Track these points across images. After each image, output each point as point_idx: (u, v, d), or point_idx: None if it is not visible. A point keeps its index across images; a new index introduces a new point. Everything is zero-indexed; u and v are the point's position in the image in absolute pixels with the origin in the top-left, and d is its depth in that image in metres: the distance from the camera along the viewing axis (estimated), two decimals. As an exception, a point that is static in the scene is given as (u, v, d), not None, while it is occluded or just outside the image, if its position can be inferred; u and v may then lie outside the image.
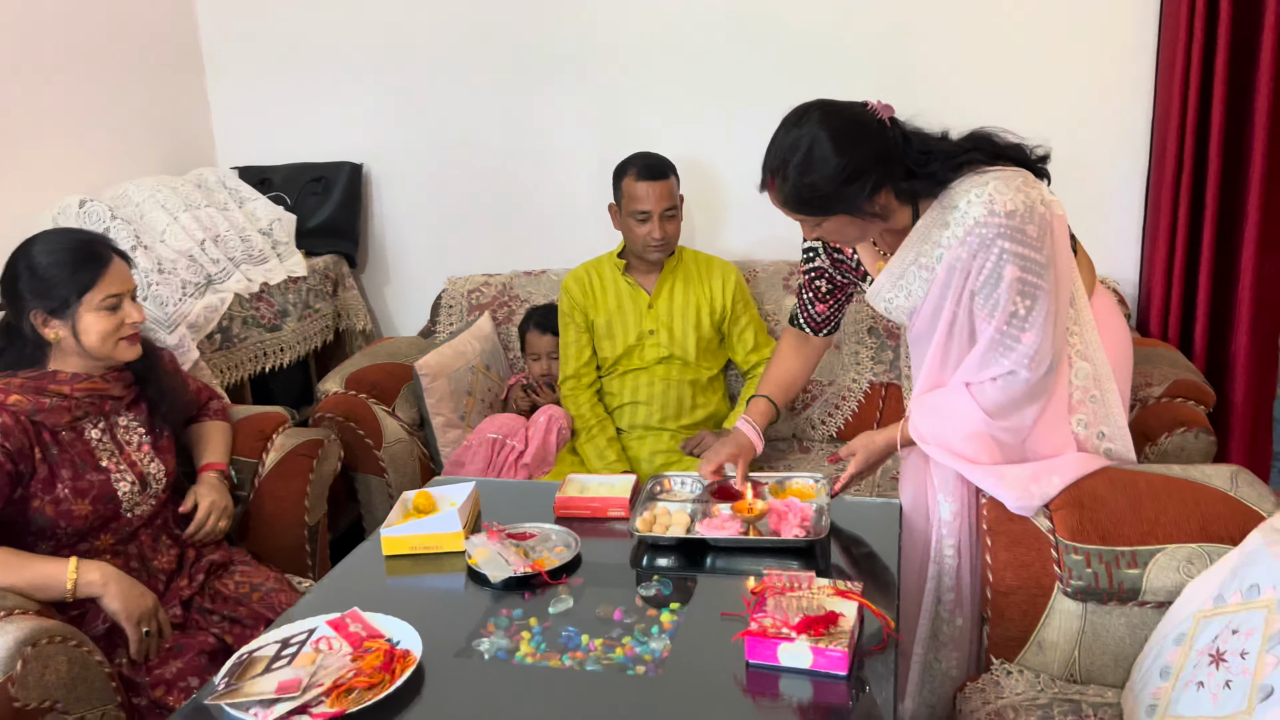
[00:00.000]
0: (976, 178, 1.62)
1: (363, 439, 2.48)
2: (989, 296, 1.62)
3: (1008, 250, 1.58)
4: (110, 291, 1.77)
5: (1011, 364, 1.64)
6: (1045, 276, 1.61)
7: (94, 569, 1.68)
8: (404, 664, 1.38)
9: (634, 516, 1.76)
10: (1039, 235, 1.59)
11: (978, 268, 1.62)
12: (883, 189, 1.63)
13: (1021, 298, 1.60)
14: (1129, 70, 2.61)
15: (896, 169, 1.62)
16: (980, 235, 1.59)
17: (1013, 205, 1.58)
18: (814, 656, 1.33)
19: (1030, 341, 1.62)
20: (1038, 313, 1.61)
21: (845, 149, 1.57)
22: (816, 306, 1.98)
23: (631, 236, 2.54)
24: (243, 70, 3.19)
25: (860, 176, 1.58)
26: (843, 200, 1.60)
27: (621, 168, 2.54)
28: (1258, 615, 1.31)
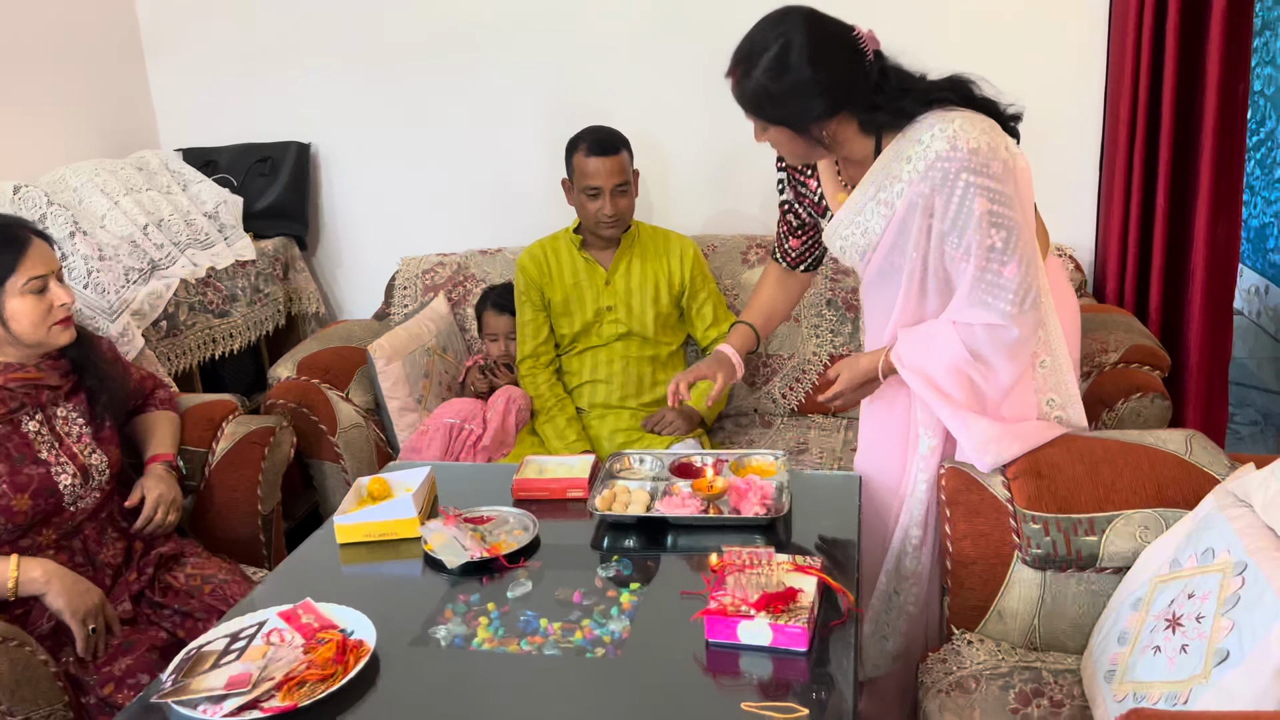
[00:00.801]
0: (943, 114, 1.59)
1: (316, 425, 2.42)
2: (961, 234, 1.57)
3: (973, 183, 1.54)
4: (33, 274, 1.70)
5: (997, 308, 1.58)
6: (1015, 209, 1.57)
7: (36, 566, 1.63)
8: (357, 655, 1.36)
9: (593, 495, 1.74)
10: (1003, 173, 1.56)
11: (943, 205, 1.57)
12: (838, 115, 1.60)
13: (995, 230, 1.55)
14: (1082, 38, 2.60)
15: (860, 99, 1.59)
16: (942, 169, 1.55)
17: (976, 143, 1.54)
18: (774, 634, 1.32)
19: (1013, 275, 1.56)
20: (1014, 244, 1.56)
21: (812, 63, 1.54)
22: (790, 241, 1.96)
23: (584, 212, 2.50)
24: (183, 48, 3.10)
25: (815, 96, 1.56)
26: (790, 114, 1.58)
27: (572, 143, 2.49)
28: (1213, 579, 1.31)
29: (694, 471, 1.83)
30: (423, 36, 2.94)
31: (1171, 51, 2.40)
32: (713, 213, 2.89)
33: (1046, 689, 1.50)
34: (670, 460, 1.87)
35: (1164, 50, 2.41)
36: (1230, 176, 2.48)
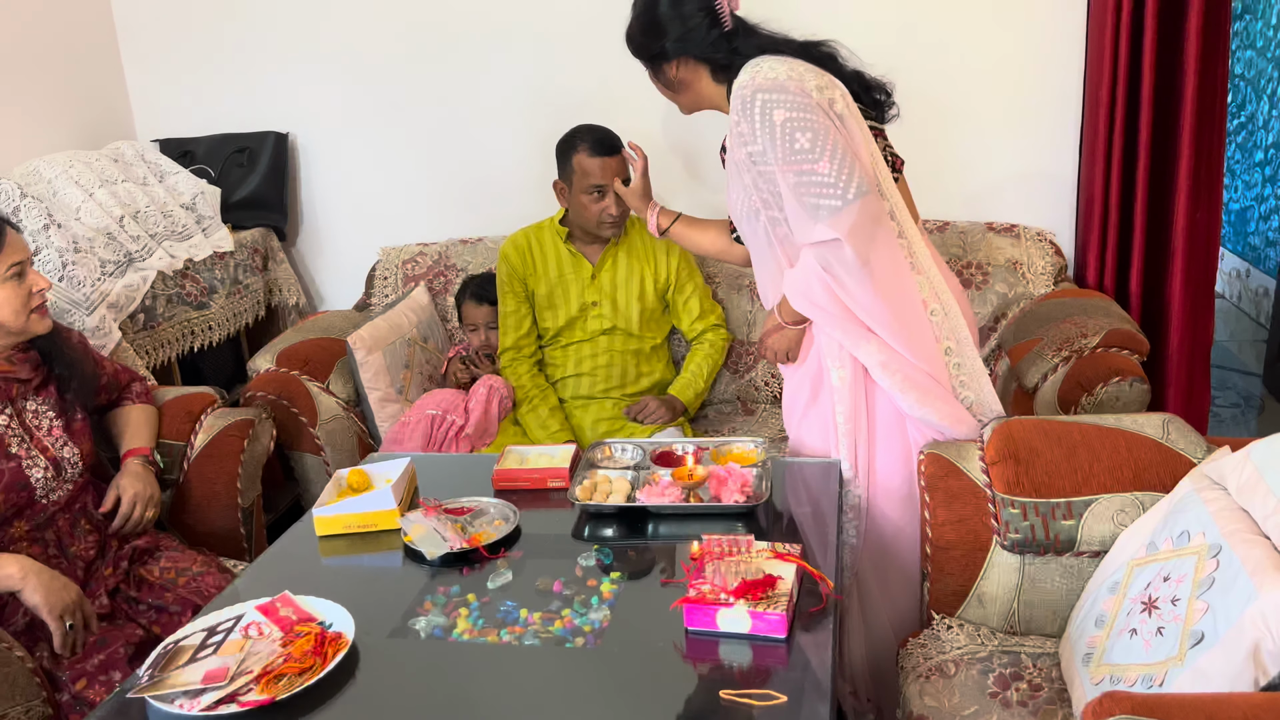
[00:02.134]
0: (763, 57, 1.69)
1: (297, 417, 2.41)
2: (770, 145, 1.64)
3: (769, 99, 1.63)
4: (12, 260, 1.70)
5: (829, 205, 1.60)
6: (819, 115, 1.62)
7: (12, 562, 1.62)
8: (336, 647, 1.35)
9: (573, 485, 1.74)
10: (799, 95, 1.63)
11: (749, 128, 1.65)
12: (682, 59, 1.79)
13: (800, 133, 1.61)
14: (1060, 20, 2.60)
15: (702, 44, 1.75)
16: (741, 96, 1.66)
17: (775, 73, 1.65)
18: (752, 621, 1.32)
19: (827, 169, 1.59)
20: (822, 142, 1.60)
21: (658, 8, 1.78)
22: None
23: (585, 213, 2.43)
24: (159, 37, 3.06)
25: (659, 37, 1.78)
26: (645, 52, 1.83)
27: (568, 143, 2.42)
28: (1188, 562, 1.32)
29: (675, 460, 1.83)
30: (401, 25, 2.91)
31: (1150, 34, 2.40)
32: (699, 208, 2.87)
33: (1025, 672, 1.51)
34: (651, 449, 1.87)
35: (1143, 33, 2.41)
36: (1210, 160, 2.48)
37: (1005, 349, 2.39)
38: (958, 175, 2.73)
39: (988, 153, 2.72)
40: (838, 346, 1.76)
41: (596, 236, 2.50)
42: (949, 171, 2.71)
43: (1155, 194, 2.53)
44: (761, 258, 1.83)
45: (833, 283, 1.67)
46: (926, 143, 2.37)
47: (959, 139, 2.71)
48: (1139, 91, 2.46)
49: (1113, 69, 2.46)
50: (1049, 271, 2.57)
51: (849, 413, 1.78)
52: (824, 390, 1.82)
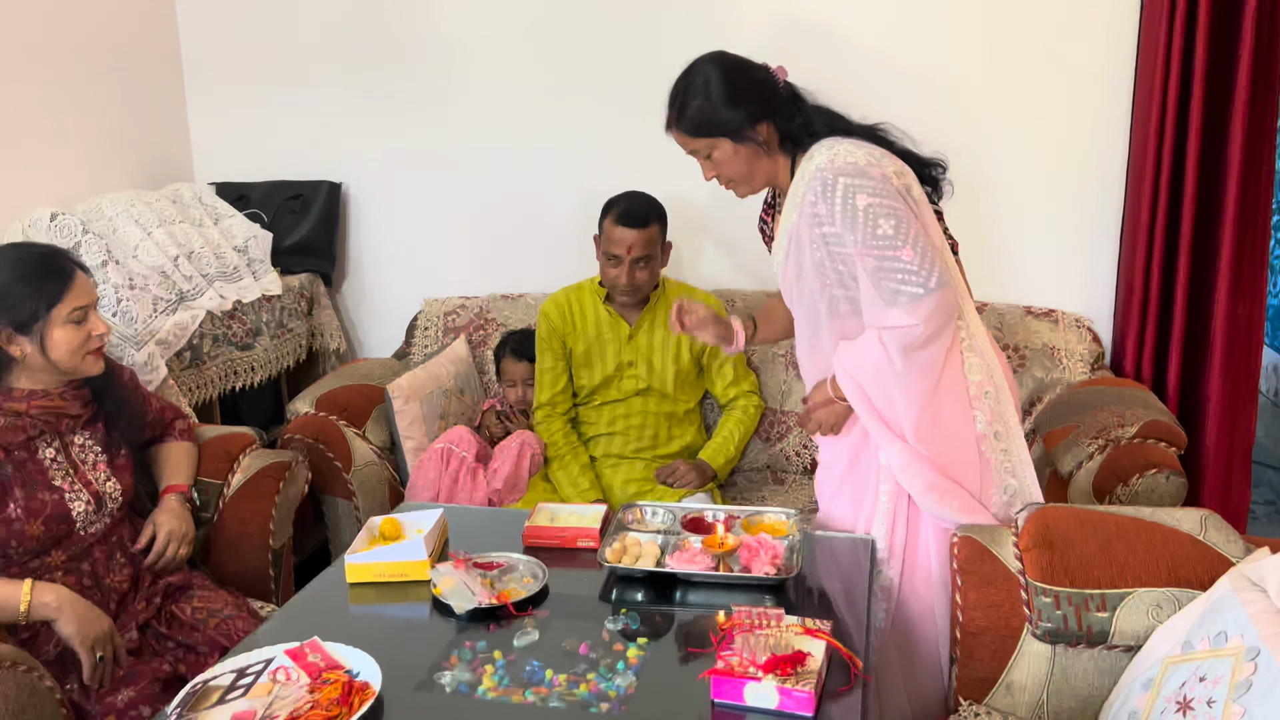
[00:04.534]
0: (837, 139, 1.72)
1: (332, 461, 2.44)
2: (851, 231, 1.66)
3: (852, 184, 1.65)
4: (77, 304, 1.75)
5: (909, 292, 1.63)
6: (900, 204, 1.65)
7: (49, 591, 1.64)
8: (362, 697, 1.35)
9: (603, 546, 1.74)
10: (882, 181, 1.65)
11: (827, 210, 1.67)
12: (764, 121, 1.76)
13: (884, 220, 1.64)
14: (1105, 113, 2.64)
15: (777, 107, 1.76)
16: (822, 179, 1.67)
17: (855, 158, 1.67)
18: (780, 697, 1.32)
19: (910, 256, 1.63)
20: (905, 229, 1.64)
21: (731, 79, 1.76)
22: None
23: (603, 274, 2.51)
24: (223, 85, 3.17)
25: (742, 103, 1.74)
26: (726, 122, 1.75)
27: (608, 205, 2.49)
28: (1225, 663, 1.30)
29: (705, 527, 1.83)
30: (455, 85, 3.00)
31: (1195, 125, 2.42)
32: (734, 268, 2.92)
33: (1054, 767, 1.49)
34: (682, 514, 1.87)
35: (1188, 123, 2.44)
36: (1254, 255, 2.49)
37: (1040, 434, 2.38)
38: (997, 257, 2.75)
39: (1028, 236, 2.74)
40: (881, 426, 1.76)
41: (621, 303, 2.55)
42: (989, 253, 2.73)
43: (1196, 286, 2.53)
44: (813, 332, 1.84)
45: (888, 368, 1.69)
46: (968, 223, 2.39)
47: (1000, 221, 2.73)
48: (1182, 182, 2.48)
49: (1156, 158, 2.48)
50: (1086, 358, 2.57)
51: (892, 493, 1.78)
52: (861, 463, 1.83)
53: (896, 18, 2.70)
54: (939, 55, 2.69)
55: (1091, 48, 2.60)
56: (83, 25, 2.79)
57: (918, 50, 2.70)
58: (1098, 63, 2.61)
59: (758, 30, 2.77)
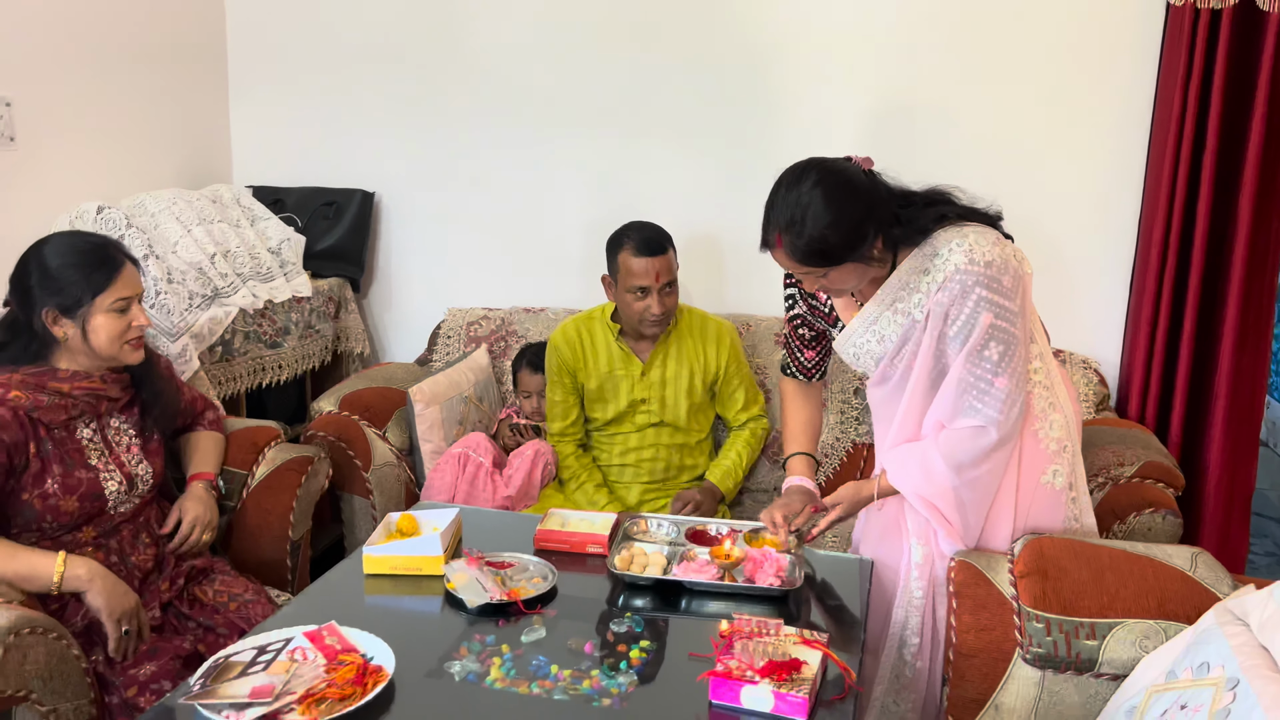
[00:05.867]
0: (956, 229, 1.72)
1: (352, 459, 2.51)
2: (964, 341, 1.70)
3: (985, 298, 1.67)
4: (122, 295, 1.83)
5: (985, 414, 1.70)
6: (1017, 326, 1.70)
7: (81, 564, 1.72)
8: (376, 679, 1.42)
9: (612, 554, 1.80)
10: (1012, 286, 1.69)
11: (955, 314, 1.70)
12: (879, 236, 1.70)
13: (995, 343, 1.68)
14: (1121, 165, 2.71)
15: (886, 216, 1.71)
16: (960, 282, 1.68)
17: (991, 256, 1.67)
18: (775, 701, 1.37)
19: (1003, 386, 1.69)
20: (1009, 359, 1.69)
21: (847, 202, 1.65)
22: (805, 353, 2.04)
23: (628, 311, 2.47)
24: (266, 92, 3.28)
25: (863, 225, 1.65)
26: (851, 249, 1.66)
27: (616, 240, 2.48)
28: (1206, 692, 1.35)
29: (709, 539, 1.89)
30: (488, 106, 3.10)
31: (1207, 182, 2.49)
32: (750, 294, 2.99)
33: (1037, 788, 1.53)
34: (686, 527, 1.93)
35: (1199, 181, 2.50)
36: (1259, 308, 2.54)
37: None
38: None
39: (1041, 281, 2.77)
40: (925, 523, 1.82)
41: (644, 334, 2.54)
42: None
43: (1202, 336, 2.59)
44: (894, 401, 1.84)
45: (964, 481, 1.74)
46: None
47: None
48: (1192, 234, 2.54)
49: (1168, 210, 2.54)
50: (1091, 400, 2.62)
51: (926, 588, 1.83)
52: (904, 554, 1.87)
53: (911, 67, 2.78)
54: (957, 104, 2.76)
55: (1108, 101, 2.68)
56: (133, 28, 2.90)
57: (936, 97, 2.77)
58: (1114, 115, 2.68)
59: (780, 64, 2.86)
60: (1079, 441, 1.86)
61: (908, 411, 1.80)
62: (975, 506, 1.76)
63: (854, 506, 1.88)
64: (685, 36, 2.92)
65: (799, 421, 2.08)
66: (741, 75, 2.90)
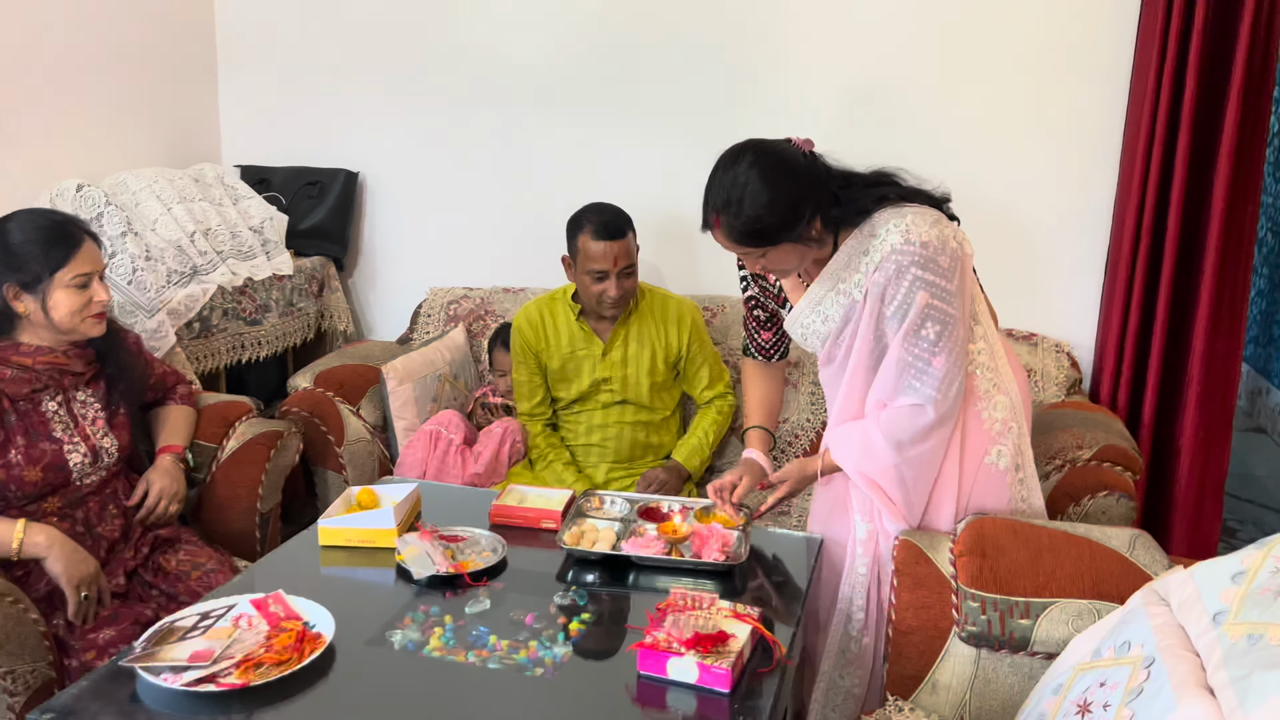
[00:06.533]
0: (895, 210, 1.73)
1: (325, 435, 2.55)
2: (902, 320, 1.71)
3: (920, 277, 1.68)
4: (81, 271, 1.86)
5: (923, 392, 1.71)
6: (954, 305, 1.71)
7: (40, 532, 1.76)
8: (314, 646, 1.46)
9: (563, 529, 1.83)
10: (949, 266, 1.69)
11: (891, 293, 1.71)
12: (817, 216, 1.71)
13: (932, 323, 1.69)
14: (1095, 148, 2.69)
15: (825, 197, 1.72)
16: (896, 262, 1.69)
17: (927, 236, 1.68)
18: (700, 672, 1.40)
19: (940, 365, 1.70)
20: (947, 338, 1.70)
21: (783, 182, 1.66)
22: (762, 335, 2.06)
23: (587, 293, 2.50)
24: (254, 72, 3.32)
25: (799, 205, 1.67)
26: (787, 229, 1.68)
27: (576, 222, 2.49)
28: (1124, 670, 1.37)
29: (660, 516, 1.92)
30: (473, 87, 3.12)
31: (1181, 165, 2.47)
32: (723, 275, 2.99)
33: (967, 762, 1.55)
34: (638, 504, 1.96)
35: (1174, 164, 2.49)
36: (1234, 293, 2.53)
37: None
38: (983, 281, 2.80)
39: (1014, 263, 2.79)
40: (869, 501, 1.83)
41: (608, 318, 2.56)
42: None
43: (1175, 320, 2.58)
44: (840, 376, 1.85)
45: (904, 460, 1.75)
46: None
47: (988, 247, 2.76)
48: (1166, 217, 2.52)
49: (1141, 193, 2.53)
50: (1062, 383, 2.62)
51: (870, 564, 1.85)
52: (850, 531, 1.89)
53: (886, 48, 2.78)
54: (931, 86, 2.76)
55: (1084, 83, 2.66)
56: (122, 5, 2.94)
57: (909, 80, 2.77)
58: (1089, 98, 2.67)
59: (757, 45, 2.86)
60: (1026, 423, 1.87)
61: (849, 390, 1.82)
62: (917, 485, 1.78)
63: (800, 484, 1.91)
64: (665, 18, 2.93)
65: (757, 398, 2.10)
66: (720, 57, 2.91)
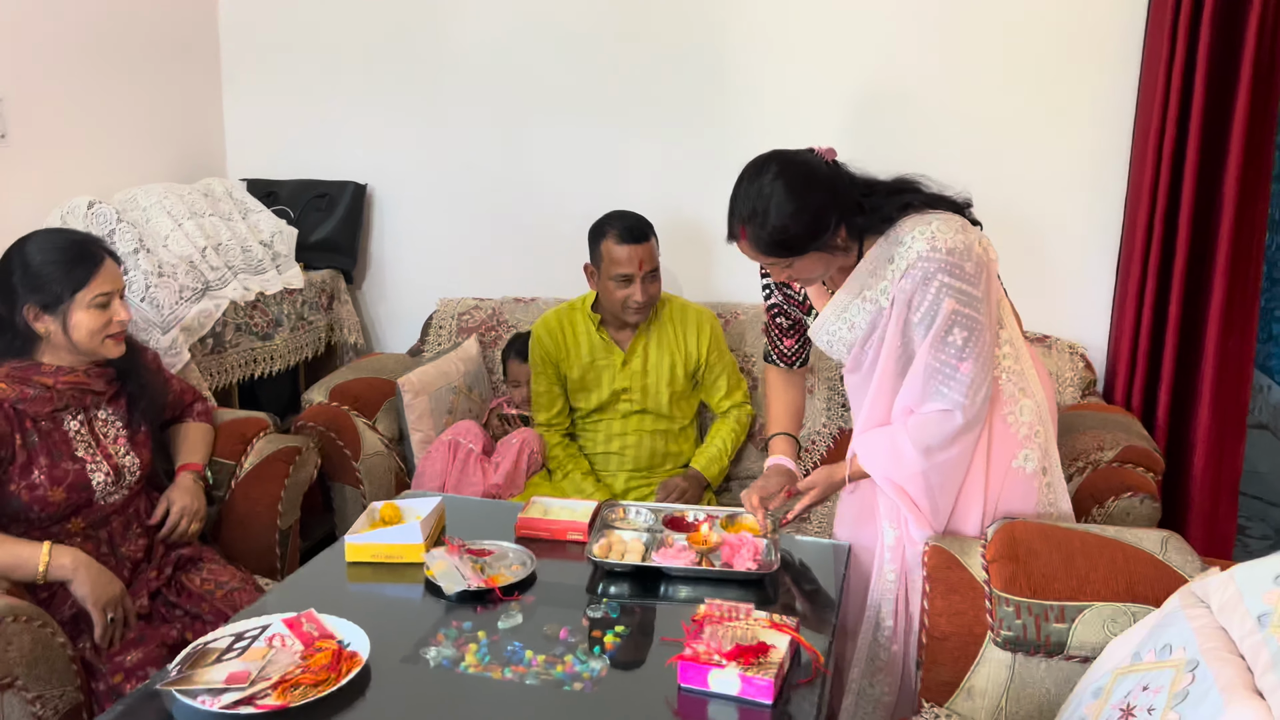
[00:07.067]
0: (920, 217, 1.73)
1: (342, 449, 2.54)
2: (929, 327, 1.71)
3: (946, 284, 1.68)
4: (101, 290, 1.85)
5: (951, 398, 1.71)
6: (981, 311, 1.71)
7: (66, 554, 1.75)
8: (351, 665, 1.44)
9: (591, 542, 1.83)
10: (975, 273, 1.70)
11: (918, 300, 1.71)
12: (842, 225, 1.71)
13: (959, 329, 1.69)
14: (1106, 148, 2.70)
15: (849, 205, 1.72)
16: (922, 269, 1.69)
17: (953, 243, 1.68)
18: (742, 684, 1.39)
19: (968, 371, 1.70)
20: (974, 344, 1.70)
21: (808, 192, 1.66)
22: (785, 341, 2.06)
23: (611, 299, 2.50)
24: (258, 85, 3.30)
25: (824, 215, 1.67)
26: (813, 239, 1.68)
27: (599, 229, 2.50)
28: (1167, 674, 1.36)
29: (685, 525, 1.91)
30: (480, 94, 3.11)
31: (1191, 167, 2.48)
32: (738, 282, 2.99)
33: (1006, 769, 1.55)
34: (663, 513, 1.95)
35: (1184, 165, 2.49)
36: (1245, 291, 2.54)
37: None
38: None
39: (1028, 265, 2.78)
40: (896, 509, 1.83)
41: (631, 324, 2.57)
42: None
43: (1188, 319, 2.58)
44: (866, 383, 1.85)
45: (933, 465, 1.75)
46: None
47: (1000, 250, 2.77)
48: (1177, 218, 2.53)
49: (1152, 194, 2.54)
50: (1077, 384, 2.63)
51: (899, 571, 1.85)
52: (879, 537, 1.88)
53: (892, 53, 2.78)
54: (938, 89, 2.76)
55: (1092, 85, 2.67)
56: (126, 22, 2.93)
57: (916, 85, 2.77)
58: (1099, 101, 2.67)
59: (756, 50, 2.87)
60: (1053, 427, 1.87)
61: (877, 397, 1.81)
62: (943, 490, 1.78)
63: (828, 490, 1.90)
64: (673, 25, 2.93)
65: (781, 405, 2.09)
66: (728, 63, 2.91)
